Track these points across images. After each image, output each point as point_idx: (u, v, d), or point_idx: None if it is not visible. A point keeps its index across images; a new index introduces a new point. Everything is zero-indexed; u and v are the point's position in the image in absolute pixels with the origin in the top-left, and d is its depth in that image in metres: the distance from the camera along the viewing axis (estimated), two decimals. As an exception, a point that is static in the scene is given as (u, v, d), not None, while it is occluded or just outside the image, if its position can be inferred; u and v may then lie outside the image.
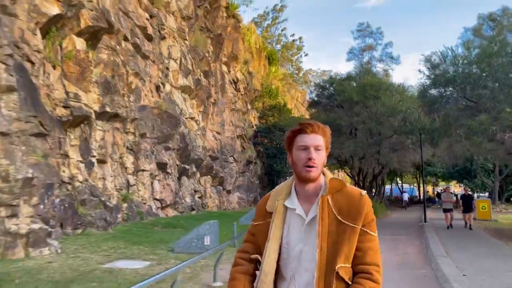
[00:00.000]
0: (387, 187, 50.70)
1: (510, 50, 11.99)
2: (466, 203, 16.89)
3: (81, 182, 12.48)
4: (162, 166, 19.16)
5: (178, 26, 24.33)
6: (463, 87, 12.72)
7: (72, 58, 13.20)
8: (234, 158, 31.09)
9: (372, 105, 17.12)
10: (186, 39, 25.07)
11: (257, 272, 1.90)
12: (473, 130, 12.06)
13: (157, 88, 20.66)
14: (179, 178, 21.71)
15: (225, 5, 32.09)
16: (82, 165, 12.92)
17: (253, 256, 1.90)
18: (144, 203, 17.18)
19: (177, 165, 21.46)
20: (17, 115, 9.88)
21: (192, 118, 24.80)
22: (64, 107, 12.39)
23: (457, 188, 49.66)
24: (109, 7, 15.66)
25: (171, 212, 19.68)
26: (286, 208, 1.85)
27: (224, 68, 31.73)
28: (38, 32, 11.93)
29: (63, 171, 11.86)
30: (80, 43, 13.62)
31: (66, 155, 12.12)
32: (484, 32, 24.16)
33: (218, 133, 29.56)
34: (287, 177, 36.93)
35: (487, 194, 33.08)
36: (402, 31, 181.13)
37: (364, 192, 1.83)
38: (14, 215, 8.68)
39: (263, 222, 1.89)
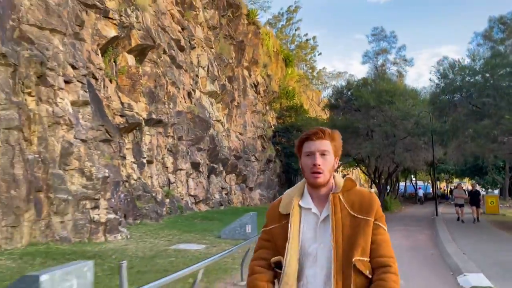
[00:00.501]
0: (402, 184, 52.11)
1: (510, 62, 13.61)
2: (473, 198, 18.50)
3: (135, 180, 14.53)
4: (195, 166, 21.16)
5: (205, 35, 26.30)
6: (469, 94, 14.43)
7: (124, 73, 15.25)
8: (255, 157, 33.02)
9: (387, 109, 18.88)
10: (212, 48, 27.03)
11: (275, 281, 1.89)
12: (478, 133, 13.77)
13: (189, 94, 22.66)
14: (208, 176, 23.70)
15: (246, 12, 33.98)
16: (135, 166, 14.96)
17: (275, 258, 1.86)
18: (182, 199, 19.18)
19: (207, 164, 23.45)
20: (91, 125, 11.93)
21: (218, 121, 26.76)
22: (121, 115, 14.43)
23: (470, 185, 50.94)
24: (151, 24, 17.68)
25: (203, 207, 21.68)
26: (300, 208, 1.88)
27: (246, 72, 33.66)
28: (99, 52, 13.99)
29: (122, 171, 13.91)
30: (131, 59, 15.66)
31: (124, 157, 14.17)
32: (494, 35, 25.61)
33: (240, 134, 31.50)
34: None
35: (498, 190, 34.44)
36: (416, 26, 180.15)
37: (372, 190, 1.92)
38: (96, 207, 10.72)
39: (278, 225, 1.88)
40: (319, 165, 1.82)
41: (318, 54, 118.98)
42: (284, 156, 40.86)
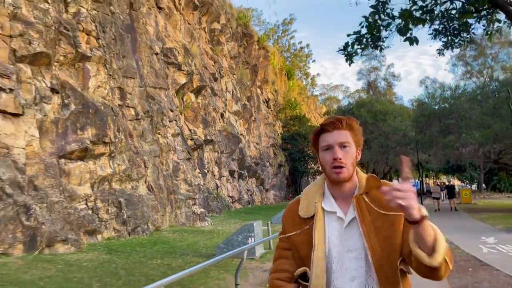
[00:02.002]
0: (395, 182, 57.97)
1: (468, 93, 19.39)
2: (449, 191, 24.21)
3: (203, 185, 20.03)
4: (231, 173, 26.68)
5: (229, 64, 31.87)
6: (439, 117, 20.15)
7: (189, 107, 20.76)
8: (269, 163, 38.60)
9: (382, 125, 24.56)
10: (234, 74, 32.60)
11: None
12: (445, 144, 19.47)
13: (222, 115, 28.18)
14: (238, 181, 29.22)
15: (257, 39, 39.56)
16: (200, 175, 20.46)
17: (299, 270, 1.63)
18: (225, 199, 24.70)
19: (237, 171, 28.96)
20: (181, 148, 17.45)
21: (241, 135, 32.30)
22: (190, 139, 19.93)
23: (455, 181, 57.09)
24: (199, 66, 23.21)
25: (237, 205, 27.17)
26: (323, 211, 1.65)
27: (258, 91, 39.27)
28: (175, 95, 19.51)
29: (185, 181, 19.40)
30: (193, 97, 21.19)
31: (194, 169, 19.68)
32: (467, 53, 31.56)
33: (257, 143, 37.06)
34: (310, 176, 44.42)
35: (476, 184, 40.35)
36: None
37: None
38: (194, 204, 16.23)
39: (300, 231, 1.66)
40: (340, 158, 1.59)
41: (312, 61, 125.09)
42: (291, 160, 46.52)
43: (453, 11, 5.46)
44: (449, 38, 6.27)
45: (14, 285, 6.58)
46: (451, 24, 5.58)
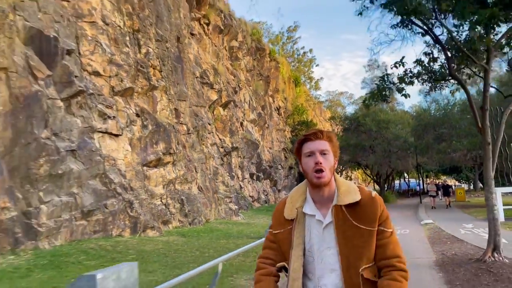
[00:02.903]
0: (397, 182, 61.33)
1: (458, 105, 22.67)
2: (445, 190, 27.51)
3: (231, 186, 23.41)
4: (251, 175, 30.07)
5: (245, 77, 35.28)
6: (434, 126, 23.46)
7: (219, 120, 24.15)
8: (281, 166, 41.97)
9: (384, 132, 27.92)
10: (250, 86, 36.01)
11: (280, 274, 2.02)
12: (439, 150, 22.72)
13: (241, 124, 31.58)
14: (256, 182, 32.60)
15: (268, 52, 43.00)
16: (229, 177, 23.85)
17: (279, 264, 1.98)
18: (247, 198, 28.07)
19: (255, 173, 32.35)
20: (217, 155, 20.83)
21: (257, 141, 35.68)
22: (221, 147, 23.31)
23: (452, 181, 60.44)
24: (225, 82, 26.59)
25: (256, 204, 30.52)
26: (304, 214, 1.92)
27: (271, 99, 42.67)
28: (208, 109, 22.90)
29: (223, 182, 22.77)
30: (221, 110, 24.58)
31: (222, 173, 23.06)
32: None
33: (270, 148, 40.44)
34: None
35: (472, 184, 43.70)
36: None
37: (374, 193, 1.93)
38: (230, 202, 19.60)
39: (283, 230, 1.95)
40: (321, 163, 1.85)
41: (316, 65, 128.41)
42: (299, 163, 49.85)
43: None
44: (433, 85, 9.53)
45: (143, 253, 9.97)
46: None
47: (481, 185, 41.64)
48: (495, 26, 6.95)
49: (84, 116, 11.55)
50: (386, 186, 38.44)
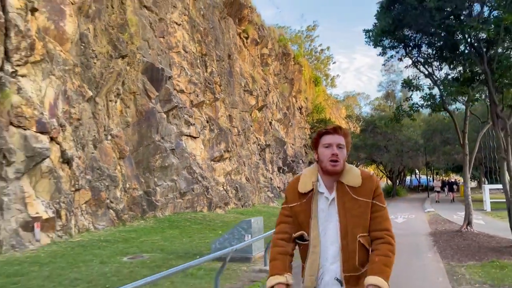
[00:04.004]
0: (408, 178, 65.06)
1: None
2: (450, 186, 31.32)
3: (268, 178, 27.65)
4: (279, 169, 34.28)
5: (273, 81, 39.33)
6: (441, 131, 27.33)
7: (256, 121, 28.34)
8: (302, 161, 46.07)
9: (398, 135, 31.81)
10: (277, 88, 40.07)
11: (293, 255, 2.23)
12: (444, 152, 26.46)
13: (270, 123, 35.73)
14: (282, 175, 36.81)
15: (293, 56, 46.93)
16: (266, 170, 28.08)
17: (297, 233, 2.17)
18: (277, 189, 32.29)
19: (282, 167, 36.57)
20: (257, 152, 25.04)
21: (283, 138, 39.80)
22: (258, 145, 27.50)
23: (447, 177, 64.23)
24: (259, 87, 30.73)
25: (282, 195, 34.73)
26: (317, 191, 2.16)
27: (294, 100, 46.69)
28: (248, 113, 27.09)
29: (262, 174, 27.02)
30: (257, 113, 28.75)
31: (261, 167, 27.30)
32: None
33: (293, 144, 44.55)
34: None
35: (476, 182, 47.28)
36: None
37: (372, 172, 3.07)
38: (268, 190, 23.84)
39: (300, 203, 2.18)
40: (337, 155, 2.10)
41: (333, 63, 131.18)
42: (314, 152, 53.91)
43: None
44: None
45: (224, 221, 14.24)
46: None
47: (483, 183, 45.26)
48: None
49: (177, 124, 15.84)
50: (398, 181, 42.36)
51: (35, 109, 9.35)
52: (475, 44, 10.12)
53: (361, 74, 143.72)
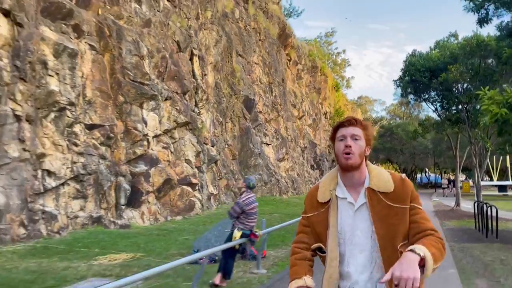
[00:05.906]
0: (419, 176, 71.84)
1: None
2: (454, 183, 38.02)
3: (310, 174, 34.73)
4: (312, 166, 41.35)
5: (305, 91, 46.30)
6: (446, 140, 34.24)
7: (298, 128, 35.37)
8: (326, 159, 53.06)
9: (411, 141, 38.71)
10: (308, 97, 47.02)
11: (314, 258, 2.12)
12: (449, 156, 33.16)
13: (305, 129, 42.73)
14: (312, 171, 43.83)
15: (320, 67, 53.79)
16: (308, 168, 35.16)
17: (314, 245, 2.04)
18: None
19: (313, 165, 43.61)
20: (301, 153, 32.16)
21: (314, 141, 46.78)
22: (300, 147, 34.55)
23: (452, 176, 70.59)
24: (299, 100, 37.67)
25: (313, 188, 41.81)
26: (336, 197, 1.99)
27: (320, 106, 53.63)
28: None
29: (306, 171, 34.12)
30: (298, 122, 35.78)
31: (305, 165, 34.43)
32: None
33: (319, 145, 51.53)
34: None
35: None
36: (442, 13, 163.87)
37: (403, 175, 2.03)
38: (311, 184, 30.94)
39: (317, 213, 2.03)
40: (350, 146, 1.92)
41: (348, 65, 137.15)
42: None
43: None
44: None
45: (295, 203, 21.36)
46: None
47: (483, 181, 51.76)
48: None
49: (260, 136, 23.00)
50: (409, 179, 49.45)
51: (208, 132, 16.58)
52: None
53: (371, 71, 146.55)
